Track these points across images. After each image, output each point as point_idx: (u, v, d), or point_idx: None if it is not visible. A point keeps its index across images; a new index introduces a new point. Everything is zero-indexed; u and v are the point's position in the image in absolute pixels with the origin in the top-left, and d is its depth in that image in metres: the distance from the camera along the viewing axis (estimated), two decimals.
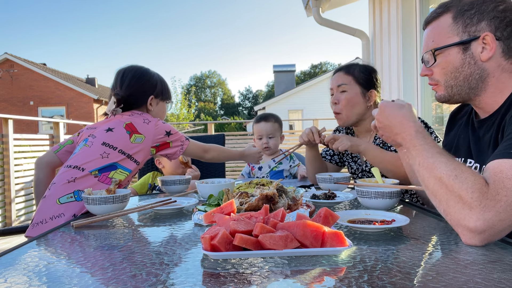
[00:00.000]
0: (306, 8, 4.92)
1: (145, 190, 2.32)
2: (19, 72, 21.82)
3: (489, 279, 0.65)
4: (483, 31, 1.05)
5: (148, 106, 1.84)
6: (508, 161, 0.85)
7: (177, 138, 1.77)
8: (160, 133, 1.73)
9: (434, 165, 0.91)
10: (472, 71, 1.08)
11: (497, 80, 1.07)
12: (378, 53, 4.44)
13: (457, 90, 1.12)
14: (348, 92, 1.80)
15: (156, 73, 1.93)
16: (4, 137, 4.85)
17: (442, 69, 1.13)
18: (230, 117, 31.57)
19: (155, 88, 1.86)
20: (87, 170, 1.58)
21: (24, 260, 0.83)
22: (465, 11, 1.07)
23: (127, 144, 1.65)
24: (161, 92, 1.89)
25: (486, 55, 1.05)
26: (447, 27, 1.10)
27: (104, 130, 1.68)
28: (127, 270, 0.74)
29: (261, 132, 2.56)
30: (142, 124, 1.70)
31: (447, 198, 0.87)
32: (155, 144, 1.72)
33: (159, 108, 1.90)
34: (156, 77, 1.90)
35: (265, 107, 22.19)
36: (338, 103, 1.83)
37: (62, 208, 1.51)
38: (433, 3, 3.48)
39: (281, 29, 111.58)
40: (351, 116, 1.82)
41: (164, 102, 1.94)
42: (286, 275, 0.69)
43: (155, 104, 1.87)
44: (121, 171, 1.64)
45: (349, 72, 1.83)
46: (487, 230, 0.81)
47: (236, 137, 8.40)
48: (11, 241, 3.87)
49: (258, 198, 1.05)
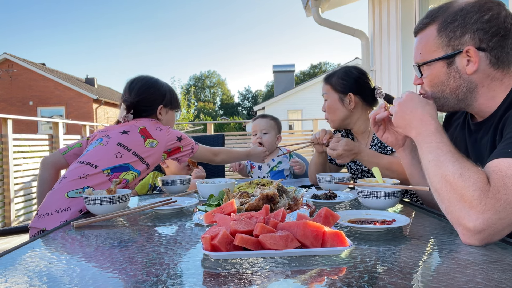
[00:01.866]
0: (306, 8, 4.92)
1: (145, 190, 2.32)
2: (18, 72, 21.81)
3: (490, 279, 0.65)
4: (467, 44, 1.04)
5: (158, 115, 1.90)
6: (507, 160, 0.85)
7: (187, 143, 1.84)
8: (172, 139, 1.79)
9: (443, 163, 0.91)
10: (459, 85, 1.08)
11: (487, 88, 1.07)
12: (378, 53, 4.44)
13: (445, 101, 1.13)
14: (328, 100, 1.93)
15: (166, 83, 2.00)
16: (3, 137, 4.84)
17: (429, 82, 1.14)
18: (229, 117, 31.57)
19: (164, 98, 1.91)
20: (100, 167, 1.61)
21: (25, 260, 0.83)
22: (449, 24, 1.06)
23: (141, 148, 1.70)
24: (170, 101, 1.95)
25: (471, 69, 1.05)
26: (432, 40, 1.10)
27: (119, 132, 1.73)
28: (128, 270, 0.74)
29: (256, 128, 2.58)
30: (155, 131, 1.76)
31: (450, 197, 0.87)
32: (167, 149, 1.78)
33: (169, 117, 1.96)
34: (165, 87, 1.97)
35: (265, 107, 22.20)
36: (325, 110, 1.97)
37: (69, 202, 1.53)
38: (433, 3, 3.48)
39: (280, 29, 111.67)
40: (335, 121, 1.93)
41: (173, 111, 2.00)
42: (286, 275, 0.69)
43: (164, 113, 1.92)
44: (132, 172, 1.67)
45: (327, 81, 1.95)
46: (486, 229, 0.82)
47: (235, 137, 8.41)
48: (11, 241, 3.87)
49: (258, 198, 1.05)
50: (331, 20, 4.60)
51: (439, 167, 0.91)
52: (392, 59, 4.03)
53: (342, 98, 1.89)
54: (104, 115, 23.37)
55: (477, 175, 0.85)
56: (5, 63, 21.86)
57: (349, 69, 1.94)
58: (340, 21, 4.64)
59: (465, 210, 0.83)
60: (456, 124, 1.28)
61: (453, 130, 1.29)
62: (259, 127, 2.57)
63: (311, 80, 22.99)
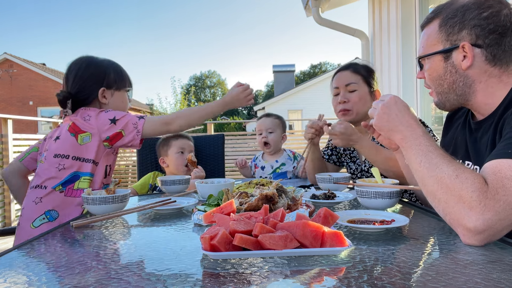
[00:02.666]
0: (306, 8, 4.92)
1: (145, 191, 2.32)
2: (18, 72, 21.80)
3: (489, 279, 0.65)
4: (463, 40, 1.06)
5: (101, 99, 1.64)
6: (506, 161, 0.85)
7: (126, 122, 1.55)
8: (104, 123, 1.53)
9: (437, 165, 0.91)
10: (455, 79, 1.10)
11: (485, 85, 1.08)
12: (378, 53, 4.44)
13: (445, 96, 1.15)
14: (358, 91, 1.83)
15: (106, 59, 1.70)
16: (3, 137, 4.84)
17: (429, 76, 1.16)
18: (229, 117, 31.58)
19: (104, 78, 1.64)
20: (49, 187, 1.50)
21: (24, 260, 0.83)
22: (449, 19, 1.08)
23: (77, 148, 1.53)
24: (114, 81, 1.67)
25: (465, 64, 1.06)
26: (434, 35, 1.12)
27: (53, 140, 1.56)
28: (127, 270, 0.74)
29: (261, 127, 2.57)
30: (84, 122, 1.54)
31: (447, 198, 0.87)
32: (105, 137, 1.54)
33: (116, 99, 1.68)
34: (105, 64, 1.67)
35: (265, 107, 22.20)
36: (348, 101, 1.83)
37: (37, 232, 1.45)
38: (433, 3, 3.48)
39: (281, 29, 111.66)
40: (361, 114, 1.84)
41: (121, 92, 1.71)
42: (285, 275, 0.69)
43: (109, 96, 1.66)
44: (84, 178, 1.54)
45: (357, 71, 1.85)
46: (486, 230, 0.82)
47: (235, 137, 8.40)
48: (11, 241, 3.87)
49: (257, 198, 1.05)
50: (331, 20, 4.60)
51: (433, 169, 0.91)
52: (392, 59, 4.03)
53: (371, 92, 1.85)
54: None
55: (473, 176, 0.85)
56: (5, 63, 21.86)
57: (367, 65, 1.92)
58: (340, 21, 4.64)
59: (465, 211, 0.83)
60: (457, 124, 1.29)
61: (454, 129, 1.29)
62: (265, 126, 2.56)
63: (311, 80, 23.01)
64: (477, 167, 1.11)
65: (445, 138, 1.33)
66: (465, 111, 1.26)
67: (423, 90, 3.66)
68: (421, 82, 3.64)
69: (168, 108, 21.10)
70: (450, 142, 1.28)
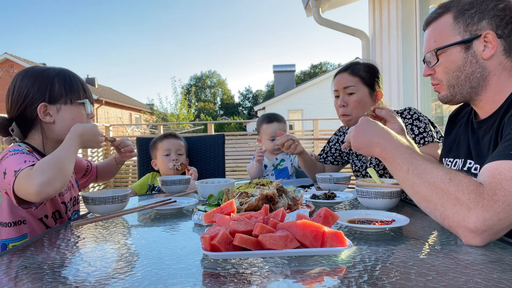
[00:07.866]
0: (306, 8, 4.92)
1: (144, 191, 2.32)
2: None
3: (489, 279, 0.65)
4: (484, 29, 1.06)
5: (43, 117, 1.31)
6: (506, 162, 0.85)
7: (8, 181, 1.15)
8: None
9: (426, 171, 0.91)
10: (474, 70, 1.09)
11: (498, 78, 1.08)
12: (378, 53, 4.44)
13: (459, 89, 1.13)
14: (356, 94, 1.77)
15: (52, 67, 1.37)
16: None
17: (445, 68, 1.14)
18: (230, 117, 31.58)
19: (45, 91, 1.31)
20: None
21: (24, 260, 0.83)
22: (466, 11, 1.09)
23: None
24: (59, 93, 1.33)
25: (488, 53, 1.06)
26: (449, 27, 1.11)
27: None
28: (127, 270, 0.74)
29: (274, 134, 2.42)
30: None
31: (443, 202, 0.87)
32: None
33: (65, 115, 1.34)
34: (47, 74, 1.33)
35: (265, 107, 22.19)
36: (346, 105, 1.78)
37: None
38: (433, 3, 3.48)
39: (281, 29, 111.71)
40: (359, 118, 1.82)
41: (73, 105, 1.36)
42: (286, 275, 0.69)
43: (55, 113, 1.32)
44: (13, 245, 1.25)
45: (355, 73, 1.79)
46: (487, 230, 0.82)
47: (236, 137, 8.40)
48: None
49: (258, 198, 1.05)
50: (332, 20, 4.60)
51: (423, 175, 0.91)
52: (393, 59, 4.02)
53: (371, 93, 1.79)
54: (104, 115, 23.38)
55: (466, 178, 0.86)
56: (5, 63, 21.86)
57: (370, 63, 1.86)
58: (341, 21, 4.63)
59: (464, 212, 0.83)
60: (460, 123, 1.29)
61: (457, 129, 1.29)
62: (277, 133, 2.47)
63: (312, 80, 22.99)
64: (478, 165, 1.11)
65: (448, 138, 1.33)
66: (468, 111, 1.27)
67: (423, 90, 3.65)
68: (421, 82, 3.64)
69: (169, 108, 21.04)
70: (453, 141, 1.28)
